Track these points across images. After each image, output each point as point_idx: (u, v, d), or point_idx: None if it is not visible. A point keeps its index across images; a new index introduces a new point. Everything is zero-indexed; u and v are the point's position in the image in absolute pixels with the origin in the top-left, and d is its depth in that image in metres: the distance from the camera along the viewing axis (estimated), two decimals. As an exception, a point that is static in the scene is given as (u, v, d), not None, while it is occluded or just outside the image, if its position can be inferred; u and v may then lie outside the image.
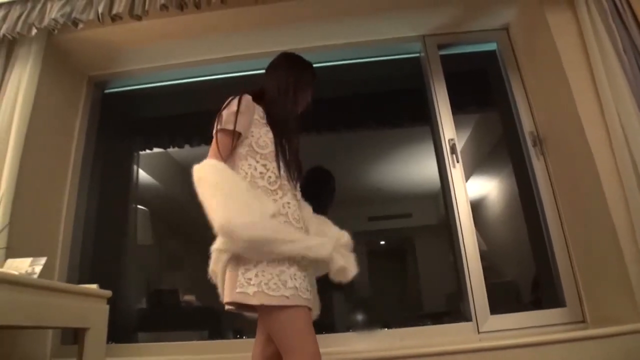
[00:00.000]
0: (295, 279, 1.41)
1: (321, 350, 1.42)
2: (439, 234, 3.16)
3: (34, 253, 1.91)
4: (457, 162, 2.50)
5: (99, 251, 2.78)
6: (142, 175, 3.47)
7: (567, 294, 2.30)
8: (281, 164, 1.57)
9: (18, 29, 2.41)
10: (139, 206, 3.31)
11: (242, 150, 1.57)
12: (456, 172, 2.50)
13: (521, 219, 2.70)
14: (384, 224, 3.96)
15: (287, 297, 1.37)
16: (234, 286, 1.38)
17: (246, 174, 1.54)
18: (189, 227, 3.54)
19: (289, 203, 1.55)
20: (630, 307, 1.96)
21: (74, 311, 1.69)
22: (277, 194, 1.54)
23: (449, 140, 2.54)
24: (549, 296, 2.43)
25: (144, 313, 3.07)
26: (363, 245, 3.75)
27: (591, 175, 2.13)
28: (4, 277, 1.38)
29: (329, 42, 2.82)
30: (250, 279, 1.37)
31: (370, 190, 3.98)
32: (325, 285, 1.66)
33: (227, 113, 1.55)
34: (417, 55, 2.87)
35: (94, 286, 1.86)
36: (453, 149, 2.51)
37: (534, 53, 2.54)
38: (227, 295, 1.41)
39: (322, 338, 2.24)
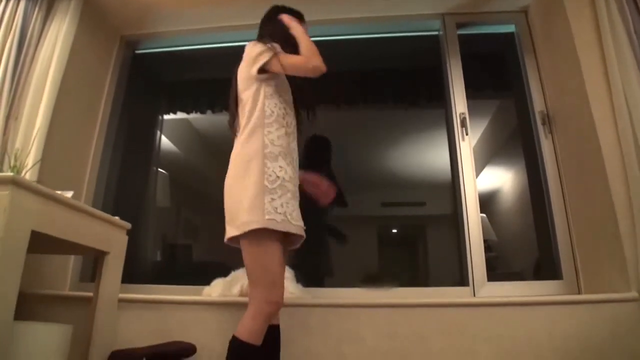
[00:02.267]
0: None
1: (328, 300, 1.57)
2: (452, 225, 3.24)
3: (61, 189, 2.06)
4: (467, 135, 2.59)
5: (120, 200, 2.94)
6: (163, 140, 3.61)
7: (564, 267, 2.37)
8: None
9: (59, -18, 2.56)
10: (159, 169, 3.46)
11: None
12: (465, 145, 2.59)
13: (528, 199, 2.78)
14: (397, 210, 4.02)
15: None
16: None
17: None
18: (204, 195, 3.67)
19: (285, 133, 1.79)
20: (623, 280, 2.03)
21: (98, 234, 1.83)
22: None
23: (460, 114, 2.63)
24: (547, 269, 2.50)
25: (158, 265, 3.21)
26: (375, 230, 3.85)
27: (594, 153, 2.20)
28: (40, 190, 1.51)
29: (350, 15, 2.92)
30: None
31: (385, 174, 4.02)
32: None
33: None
34: (436, 33, 2.95)
35: (116, 218, 1.99)
36: (463, 122, 2.61)
37: (549, 35, 2.62)
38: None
39: (327, 291, 2.39)
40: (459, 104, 2.67)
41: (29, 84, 2.44)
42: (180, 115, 3.58)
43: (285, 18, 1.92)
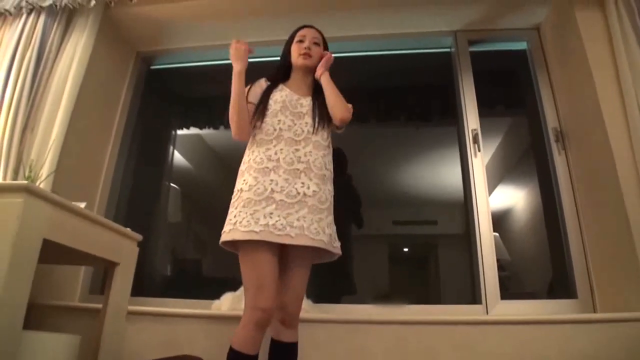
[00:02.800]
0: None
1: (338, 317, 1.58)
2: (464, 244, 3.21)
3: (74, 200, 2.09)
4: (479, 151, 2.57)
5: (132, 213, 2.96)
6: (176, 155, 3.64)
7: (579, 285, 2.33)
8: None
9: (79, -1, 2.63)
10: (171, 184, 3.49)
11: None
12: (477, 162, 2.57)
13: (542, 218, 2.75)
14: (408, 228, 4.00)
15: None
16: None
17: None
18: (215, 210, 3.68)
19: (281, 149, 1.81)
20: (640, 299, 1.99)
21: (109, 244, 1.84)
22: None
23: (472, 130, 2.62)
24: (561, 288, 2.45)
25: (167, 279, 3.21)
26: (386, 248, 3.82)
27: (609, 169, 2.17)
28: (53, 198, 1.53)
29: (362, 33, 2.95)
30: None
31: (397, 192, 4.00)
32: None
33: None
34: (448, 50, 2.97)
35: (127, 229, 2.00)
36: (475, 139, 2.60)
37: (562, 52, 2.61)
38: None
39: (338, 307, 2.37)
40: (471, 120, 2.66)
41: (46, 96, 2.49)
42: (193, 130, 3.61)
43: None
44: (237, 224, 1.64)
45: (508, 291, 2.47)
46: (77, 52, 2.63)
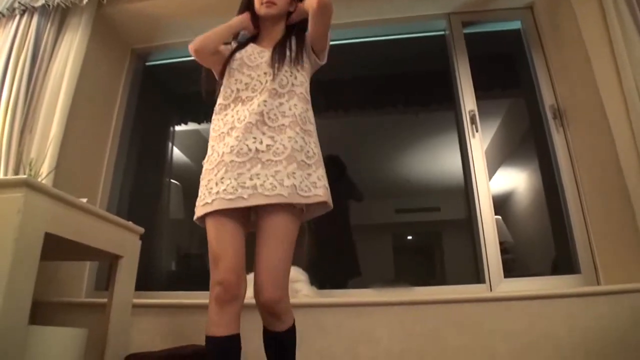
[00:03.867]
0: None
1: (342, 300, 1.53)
2: (467, 229, 3.22)
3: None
4: (477, 131, 2.57)
5: (133, 211, 2.97)
6: (175, 151, 3.65)
7: (582, 261, 2.33)
8: None
9: (71, -4, 2.63)
10: (172, 180, 3.49)
11: None
12: (475, 142, 2.57)
13: (543, 198, 2.75)
14: (411, 216, 3.99)
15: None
16: None
17: None
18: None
19: (237, 110, 1.66)
20: (643, 272, 1.99)
21: (111, 238, 1.85)
22: None
23: (469, 112, 2.62)
24: (565, 265, 2.46)
25: (172, 274, 3.23)
26: (390, 237, 3.83)
27: (608, 145, 2.17)
28: (53, 192, 1.54)
29: (355, 19, 2.92)
30: None
31: (398, 181, 4.00)
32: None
33: None
34: (442, 33, 2.96)
35: (130, 222, 2.01)
36: (473, 120, 2.60)
37: (557, 29, 2.60)
38: None
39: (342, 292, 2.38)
40: (468, 101, 2.66)
41: (43, 96, 2.50)
42: (192, 126, 3.62)
43: None
44: (198, 200, 1.55)
45: (513, 273, 2.47)
46: (71, 50, 2.63)
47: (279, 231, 1.48)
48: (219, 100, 1.69)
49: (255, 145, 1.52)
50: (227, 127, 1.59)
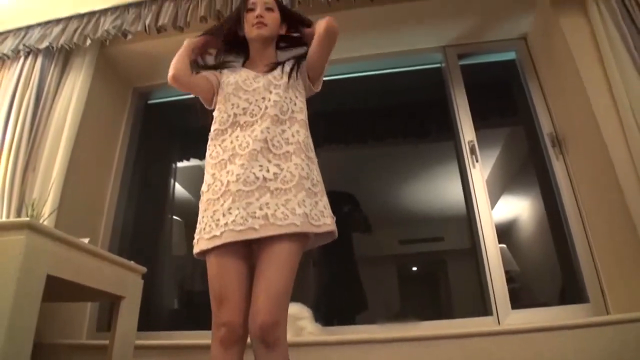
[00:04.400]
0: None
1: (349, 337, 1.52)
2: (472, 258, 3.19)
3: (77, 237, 2.09)
4: (477, 162, 2.58)
5: (136, 248, 2.95)
6: (177, 187, 3.66)
7: (589, 289, 2.30)
8: None
9: (75, 39, 2.69)
10: (174, 217, 3.49)
11: None
12: (476, 172, 2.58)
13: (547, 225, 2.74)
14: (415, 247, 3.96)
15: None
16: None
17: None
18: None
19: (237, 136, 1.59)
20: (653, 299, 1.97)
21: (113, 278, 1.83)
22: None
23: (468, 142, 2.64)
24: (572, 294, 2.43)
25: (175, 313, 3.18)
26: (395, 269, 3.79)
27: (608, 170, 2.17)
28: (55, 234, 1.54)
29: (353, 55, 2.99)
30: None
31: (401, 212, 3.99)
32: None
33: None
34: (439, 65, 3.01)
35: (131, 262, 2.00)
36: (472, 150, 2.61)
37: (550, 58, 2.65)
38: None
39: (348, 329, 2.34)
40: (467, 132, 2.68)
41: (46, 136, 2.53)
42: (194, 162, 3.64)
43: None
44: (202, 232, 1.45)
45: (520, 302, 2.44)
46: (74, 91, 2.68)
47: (281, 256, 1.40)
48: (215, 126, 1.63)
49: (262, 174, 1.46)
50: (227, 154, 1.52)
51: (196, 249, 1.46)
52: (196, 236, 1.48)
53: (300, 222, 1.39)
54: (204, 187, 1.55)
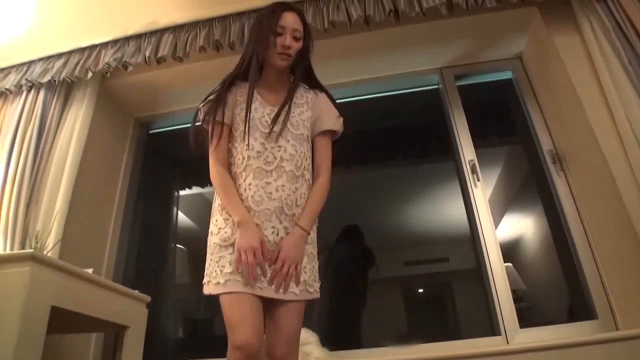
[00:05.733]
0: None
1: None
2: (478, 277, 3.17)
3: (81, 267, 2.09)
4: (478, 181, 2.59)
5: (140, 277, 2.94)
6: (180, 215, 3.66)
7: (598, 306, 2.27)
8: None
9: (76, 73, 2.73)
10: (177, 245, 3.48)
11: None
12: (478, 192, 2.58)
13: (551, 242, 2.72)
14: (420, 268, 3.94)
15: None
16: None
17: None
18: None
19: (250, 184, 1.53)
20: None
21: (118, 308, 1.83)
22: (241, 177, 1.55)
23: (469, 161, 2.65)
24: (581, 311, 2.40)
25: (180, 342, 3.15)
26: (400, 291, 3.77)
27: (610, 185, 2.18)
28: (59, 265, 1.54)
29: (350, 79, 3.03)
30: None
31: (404, 233, 3.98)
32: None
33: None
34: (436, 87, 3.04)
35: (135, 291, 1.99)
36: (473, 169, 2.62)
37: (547, 76, 2.68)
38: None
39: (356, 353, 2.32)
40: (467, 152, 2.69)
41: (49, 168, 2.55)
42: (196, 189, 3.65)
43: None
44: (209, 276, 1.47)
45: (528, 321, 2.42)
46: (76, 123, 2.70)
47: (294, 308, 1.49)
48: (233, 168, 1.58)
49: (273, 237, 1.49)
50: (242, 196, 1.51)
51: (205, 290, 1.47)
52: (205, 277, 1.49)
53: (299, 290, 1.48)
54: (213, 228, 1.54)
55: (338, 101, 1.80)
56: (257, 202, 1.49)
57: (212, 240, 1.51)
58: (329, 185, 1.61)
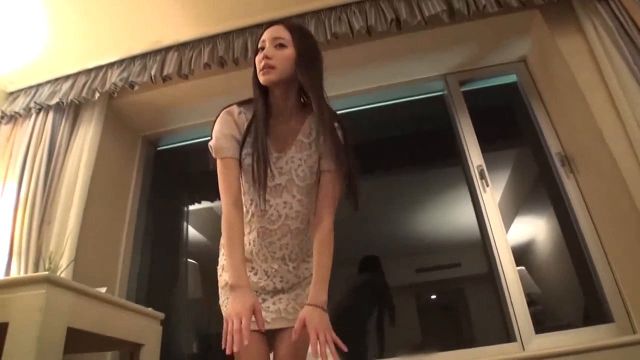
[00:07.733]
0: None
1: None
2: (491, 282, 3.15)
3: (95, 286, 2.10)
4: (487, 186, 2.58)
5: (153, 294, 2.95)
6: (190, 230, 3.68)
7: (614, 309, 2.25)
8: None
9: (84, 94, 2.77)
10: (189, 260, 3.49)
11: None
12: (487, 196, 2.57)
13: (564, 244, 2.70)
14: (432, 275, 3.92)
15: None
16: None
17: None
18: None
19: (254, 240, 1.50)
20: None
21: (132, 326, 1.84)
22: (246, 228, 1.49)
23: (477, 167, 2.64)
24: (597, 314, 2.38)
25: (195, 358, 3.15)
26: (413, 298, 3.75)
27: (620, 186, 2.16)
28: (74, 286, 1.55)
29: (355, 89, 3.04)
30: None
31: (415, 240, 3.97)
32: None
33: None
34: (442, 93, 3.05)
35: (149, 309, 2.00)
36: (482, 174, 2.61)
37: (552, 78, 2.67)
38: None
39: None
40: (475, 157, 2.69)
41: (60, 189, 2.57)
42: (205, 204, 3.67)
43: None
44: (223, 304, 1.48)
45: (544, 326, 2.39)
46: (85, 143, 2.73)
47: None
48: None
49: (282, 285, 1.51)
50: (247, 251, 1.47)
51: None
52: (222, 306, 1.49)
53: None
54: (222, 264, 1.55)
55: (343, 112, 1.74)
56: (261, 259, 1.50)
57: (223, 275, 1.52)
58: (333, 231, 1.43)
